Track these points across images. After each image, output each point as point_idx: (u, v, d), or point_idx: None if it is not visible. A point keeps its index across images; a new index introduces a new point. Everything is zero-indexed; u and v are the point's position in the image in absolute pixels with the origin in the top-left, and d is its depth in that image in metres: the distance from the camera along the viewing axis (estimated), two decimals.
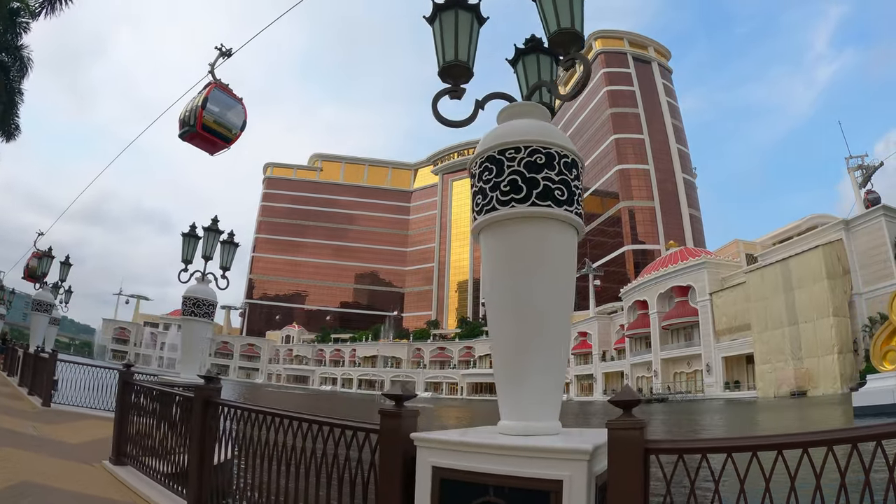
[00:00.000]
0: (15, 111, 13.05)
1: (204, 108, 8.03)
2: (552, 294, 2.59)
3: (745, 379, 52.30)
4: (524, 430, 2.52)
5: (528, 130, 2.62)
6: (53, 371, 11.25)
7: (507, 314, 2.65)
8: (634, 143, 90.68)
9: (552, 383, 2.69)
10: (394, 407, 2.63)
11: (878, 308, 40.98)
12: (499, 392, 2.78)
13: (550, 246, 2.60)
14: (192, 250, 9.57)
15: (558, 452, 2.16)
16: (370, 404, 47.89)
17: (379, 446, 2.65)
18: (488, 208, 2.60)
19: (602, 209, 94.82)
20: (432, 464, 2.42)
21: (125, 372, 5.73)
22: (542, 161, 2.55)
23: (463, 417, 35.81)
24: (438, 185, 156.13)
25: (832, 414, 27.99)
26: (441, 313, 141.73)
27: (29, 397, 12.42)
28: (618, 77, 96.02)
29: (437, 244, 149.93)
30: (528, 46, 3.51)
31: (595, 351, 76.49)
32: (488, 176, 2.62)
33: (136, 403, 5.36)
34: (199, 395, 3.86)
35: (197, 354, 9.04)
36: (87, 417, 10.11)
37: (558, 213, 2.53)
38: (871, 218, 42.30)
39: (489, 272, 2.68)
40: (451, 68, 3.12)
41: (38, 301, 17.72)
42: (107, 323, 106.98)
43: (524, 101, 3.15)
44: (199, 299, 9.10)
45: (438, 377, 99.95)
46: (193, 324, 9.12)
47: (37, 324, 17.82)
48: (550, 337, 2.60)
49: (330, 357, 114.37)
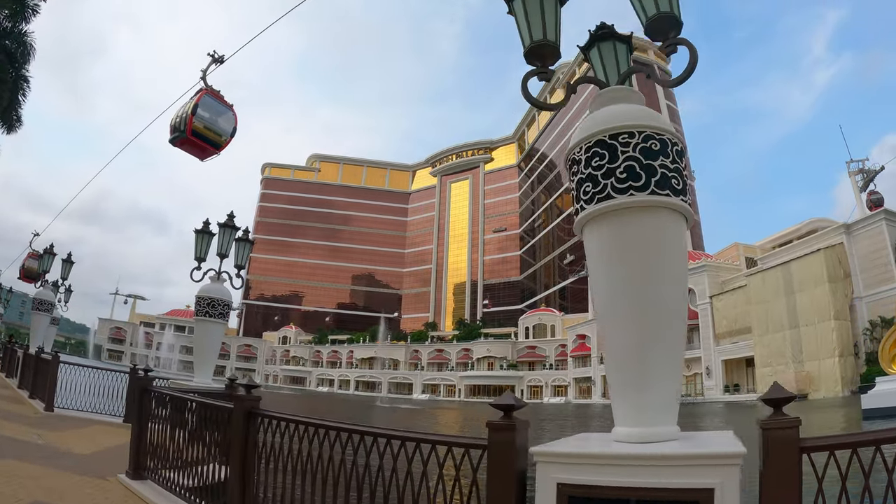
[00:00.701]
0: (19, 101, 12.70)
1: (194, 115, 8.05)
2: (675, 289, 2.36)
3: (745, 382, 52.25)
4: (647, 436, 2.29)
5: (639, 115, 2.41)
6: (56, 374, 10.70)
7: (626, 312, 2.41)
8: None
9: (674, 386, 2.47)
10: (504, 418, 2.34)
11: (879, 311, 41.04)
12: (615, 397, 2.53)
13: (670, 238, 2.40)
14: (206, 248, 9.22)
15: (708, 458, 1.95)
16: (386, 409, 47.62)
17: (488, 463, 2.33)
18: (601, 196, 2.36)
19: None
20: (557, 480, 2.16)
21: (143, 378, 5.37)
22: (657, 148, 2.34)
23: (469, 419, 35.57)
24: (437, 186, 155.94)
25: (834, 417, 27.96)
26: (439, 315, 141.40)
27: (30, 401, 12.04)
28: None
29: (435, 246, 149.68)
30: (602, 33, 3.28)
31: (594, 354, 76.32)
32: (599, 162, 2.38)
33: (157, 413, 5.03)
34: (241, 407, 3.56)
35: (212, 357, 8.65)
36: (92, 423, 9.76)
37: (676, 202, 2.31)
38: (872, 222, 42.34)
39: (601, 267, 2.42)
40: (539, 48, 2.88)
41: (38, 300, 17.10)
42: (103, 322, 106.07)
43: (617, 86, 2.91)
44: (213, 299, 8.79)
45: (436, 379, 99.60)
46: (208, 325, 8.80)
47: (37, 324, 17.15)
48: (673, 336, 2.37)
49: (327, 358, 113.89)
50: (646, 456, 2.03)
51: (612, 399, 2.59)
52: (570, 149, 2.57)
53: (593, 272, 2.52)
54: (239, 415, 3.56)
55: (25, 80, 12.75)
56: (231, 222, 9.04)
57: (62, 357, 11.59)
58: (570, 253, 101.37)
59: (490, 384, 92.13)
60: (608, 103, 2.67)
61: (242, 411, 3.55)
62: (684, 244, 2.47)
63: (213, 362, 8.94)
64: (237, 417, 3.56)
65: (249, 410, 3.55)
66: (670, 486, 1.91)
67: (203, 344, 9.17)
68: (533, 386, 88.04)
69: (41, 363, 12.19)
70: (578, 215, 2.51)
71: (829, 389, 39.62)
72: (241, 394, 3.57)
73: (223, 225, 9.21)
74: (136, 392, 5.33)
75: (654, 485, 1.94)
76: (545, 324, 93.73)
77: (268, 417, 3.42)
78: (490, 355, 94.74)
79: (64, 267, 17.99)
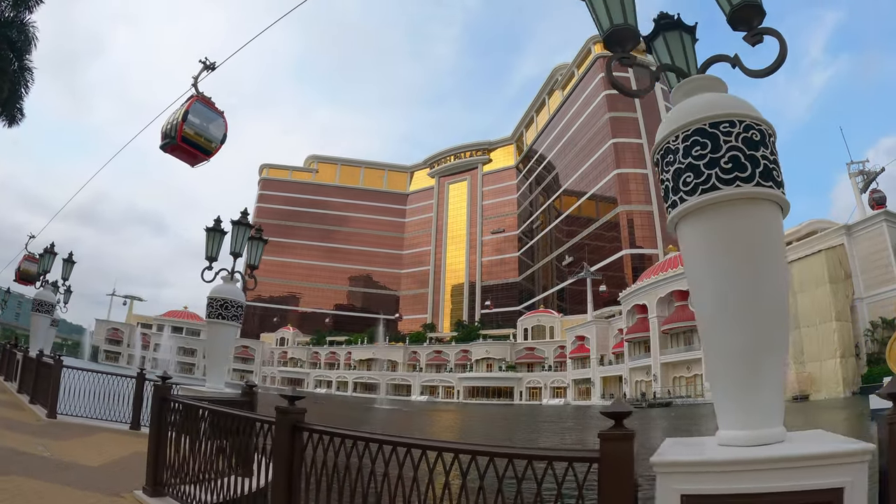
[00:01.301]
0: (21, 93, 12.34)
1: (185, 121, 8.15)
2: (782, 284, 2.26)
3: None
4: (756, 439, 2.20)
5: (736, 104, 2.29)
6: (59, 379, 10.23)
7: (736, 309, 2.30)
8: (633, 148, 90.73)
9: (781, 385, 2.38)
10: (616, 428, 2.14)
11: (880, 312, 41.12)
12: (721, 399, 2.42)
13: (775, 231, 2.35)
14: (217, 246, 8.84)
15: (839, 457, 1.87)
16: (388, 411, 47.34)
17: (601, 478, 2.13)
18: (705, 187, 2.21)
19: (600, 213, 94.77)
20: (681, 492, 2.03)
21: (162, 386, 5.05)
22: (758, 138, 2.24)
23: (473, 419, 35.35)
24: (435, 187, 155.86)
25: (837, 417, 27.93)
26: (437, 317, 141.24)
27: (31, 406, 11.56)
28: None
29: (433, 247, 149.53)
30: (666, 22, 3.14)
31: (593, 355, 76.28)
32: (700, 151, 2.25)
33: (178, 424, 4.76)
34: (286, 420, 3.30)
35: (224, 361, 8.33)
36: (97, 430, 9.37)
37: (780, 195, 2.19)
38: (873, 223, 42.43)
39: (706, 262, 2.29)
40: (619, 32, 2.73)
41: (39, 301, 16.52)
42: (100, 323, 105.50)
43: (699, 75, 2.77)
44: (227, 300, 8.36)
45: (434, 381, 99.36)
46: (220, 327, 8.34)
47: (38, 326, 16.60)
48: (783, 334, 2.29)
49: (325, 360, 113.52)
50: (776, 459, 1.93)
51: (716, 401, 2.48)
52: (663, 137, 2.42)
53: (694, 267, 2.38)
54: (283, 429, 3.31)
55: (28, 71, 12.40)
56: (245, 220, 8.76)
57: (63, 361, 11.05)
58: (568, 254, 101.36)
59: (489, 385, 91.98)
60: (694, 92, 2.53)
61: (287, 425, 3.30)
62: (783, 239, 2.36)
63: (226, 366, 8.60)
64: (281, 432, 3.31)
65: (294, 424, 3.30)
66: (800, 488, 1.83)
67: (216, 347, 8.72)
68: (532, 387, 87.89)
69: (42, 367, 11.75)
70: (676, 207, 2.37)
71: (831, 390, 39.61)
72: (284, 406, 3.33)
73: (237, 223, 8.85)
74: (154, 401, 4.99)
75: (783, 488, 1.85)
76: (544, 325, 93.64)
77: (316, 432, 3.17)
78: (489, 356, 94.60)
79: (65, 267, 17.56)
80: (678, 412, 44.41)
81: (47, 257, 17.42)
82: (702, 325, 2.49)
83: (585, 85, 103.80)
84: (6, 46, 11.18)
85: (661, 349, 61.36)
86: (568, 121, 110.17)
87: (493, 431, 27.24)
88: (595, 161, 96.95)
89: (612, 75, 2.87)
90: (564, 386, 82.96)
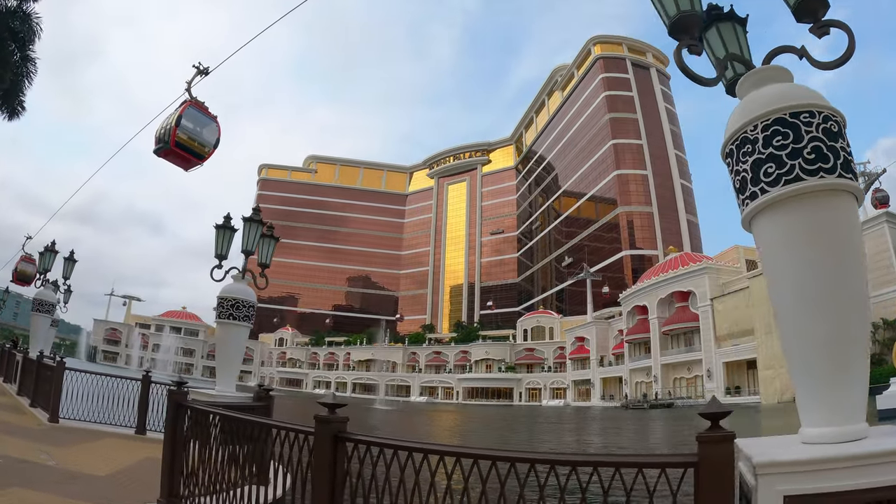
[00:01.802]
0: (23, 85, 12.00)
1: (178, 126, 8.26)
2: (863, 277, 2.26)
3: (746, 384, 52.18)
4: (843, 435, 2.17)
5: (810, 94, 2.26)
6: (62, 382, 9.83)
7: (821, 303, 2.24)
8: (633, 149, 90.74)
9: (867, 378, 2.34)
10: (714, 430, 2.04)
11: (882, 313, 41.05)
12: (804, 395, 2.37)
13: (855, 223, 2.31)
14: (227, 244, 8.62)
15: None
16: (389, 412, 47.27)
17: (697, 485, 2.02)
18: (789, 178, 2.14)
19: (600, 214, 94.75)
20: (784, 493, 1.97)
21: (178, 392, 4.79)
22: (836, 129, 2.19)
23: (479, 420, 35.23)
24: (434, 188, 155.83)
25: None
26: (436, 318, 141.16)
27: (31, 410, 11.19)
28: (616, 82, 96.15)
29: (432, 248, 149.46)
30: (719, 14, 3.04)
31: (593, 356, 76.22)
32: (782, 141, 2.18)
33: (195, 432, 4.53)
34: (327, 430, 3.05)
35: (236, 364, 8.07)
36: (102, 435, 9.06)
37: (857, 187, 2.16)
38: (874, 224, 42.34)
39: (787, 255, 2.23)
40: (684, 19, 2.65)
41: (39, 301, 16.02)
42: (98, 323, 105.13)
43: (767, 65, 2.68)
44: (238, 300, 8.06)
45: (434, 381, 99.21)
46: (231, 328, 8.05)
47: (38, 326, 16.14)
48: (866, 327, 2.26)
49: (324, 360, 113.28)
50: (877, 454, 1.91)
51: (799, 398, 2.45)
52: (740, 126, 2.34)
53: (775, 261, 2.31)
54: (325, 439, 3.05)
55: (31, 62, 12.08)
56: (257, 216, 8.65)
57: (66, 362, 10.59)
58: (568, 255, 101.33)
59: (488, 386, 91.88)
60: (764, 82, 2.45)
61: (329, 435, 3.03)
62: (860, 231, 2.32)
63: (237, 369, 8.31)
64: (322, 443, 3.06)
65: (337, 434, 3.05)
66: None
67: (226, 349, 8.39)
68: (531, 388, 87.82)
69: (43, 369, 11.39)
70: (756, 199, 2.28)
71: None
72: (325, 415, 3.12)
73: (248, 219, 8.64)
74: (170, 408, 4.73)
75: (883, 483, 1.82)
76: (543, 326, 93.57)
77: (363, 443, 2.93)
78: (488, 357, 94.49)
79: (66, 266, 17.13)
80: (682, 413, 44.37)
81: (48, 255, 16.89)
82: (784, 321, 2.40)
83: (585, 86, 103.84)
84: (8, 36, 10.94)
85: (662, 350, 61.31)
86: (568, 121, 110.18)
87: (508, 434, 27.06)
88: (595, 162, 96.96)
89: (682, 62, 2.76)
90: (564, 387, 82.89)
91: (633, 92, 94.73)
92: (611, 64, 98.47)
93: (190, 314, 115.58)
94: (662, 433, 28.95)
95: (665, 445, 22.49)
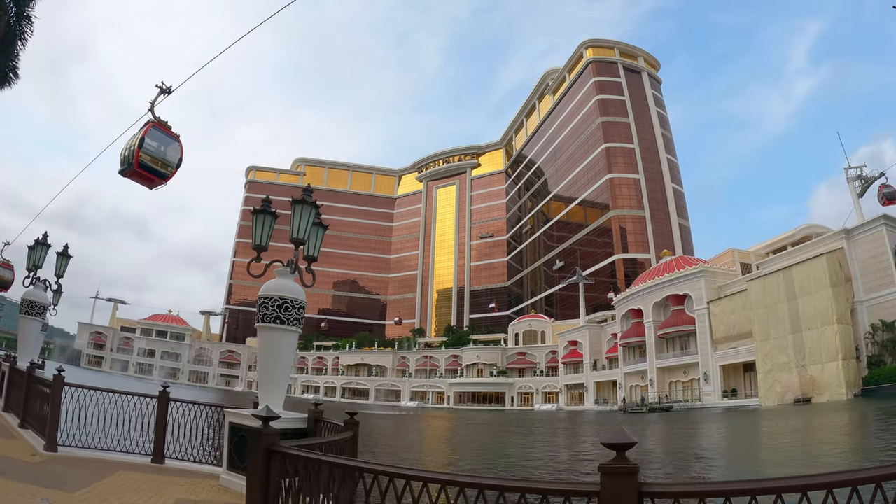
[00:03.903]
0: (17, 49, 10.75)
1: (141, 148, 8.35)
2: None
3: (742, 387, 52.06)
4: None
5: None
6: (60, 402, 8.02)
7: None
8: (625, 153, 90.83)
9: None
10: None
11: (880, 315, 41.21)
12: None
13: None
14: (267, 232, 7.34)
15: None
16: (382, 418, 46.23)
17: None
18: None
19: (591, 218, 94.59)
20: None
21: (267, 434, 3.55)
22: None
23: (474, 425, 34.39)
24: (423, 191, 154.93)
25: (840, 420, 27.65)
26: (424, 321, 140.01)
27: (21, 432, 9.17)
28: (608, 86, 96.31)
29: (421, 251, 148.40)
30: None
31: (586, 360, 75.80)
32: None
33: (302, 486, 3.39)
34: (621, 487, 2.21)
35: (284, 377, 6.54)
36: (114, 467, 7.29)
37: None
38: (873, 227, 42.57)
39: None
40: None
41: (29, 302, 13.60)
42: (83, 327, 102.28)
43: None
44: (287, 300, 6.64)
45: (424, 386, 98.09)
46: (278, 334, 6.51)
47: (27, 331, 13.75)
48: None
49: (312, 365, 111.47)
50: None
51: None
52: None
53: None
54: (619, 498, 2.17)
55: (28, 21, 10.87)
56: (309, 198, 7.09)
57: (65, 376, 8.44)
58: (559, 259, 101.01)
59: (480, 391, 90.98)
60: None
61: (629, 491, 2.15)
62: None
63: (285, 383, 6.78)
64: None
65: (640, 490, 2.17)
66: None
67: (273, 359, 6.64)
68: (523, 393, 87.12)
69: (33, 382, 9.58)
70: None
71: (833, 393, 39.43)
72: (614, 464, 2.07)
73: (299, 202, 7.06)
74: (257, 455, 3.55)
75: None
76: (535, 330, 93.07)
77: (668, 495, 2.12)
78: (480, 362, 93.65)
79: (59, 262, 14.77)
80: (681, 417, 43.99)
81: (39, 250, 14.48)
82: None
83: (577, 89, 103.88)
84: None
85: (658, 353, 61.02)
86: (559, 125, 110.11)
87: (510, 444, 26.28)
88: (587, 165, 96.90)
89: None
90: (557, 391, 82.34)
91: (625, 96, 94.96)
92: (603, 68, 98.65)
93: (176, 318, 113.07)
94: (669, 439, 28.40)
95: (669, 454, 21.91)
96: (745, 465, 16.16)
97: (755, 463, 16.65)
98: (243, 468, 5.39)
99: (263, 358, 6.33)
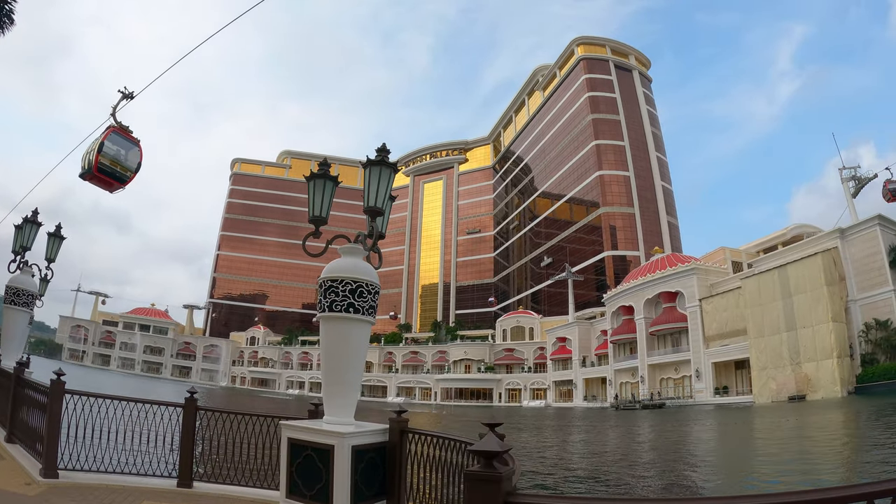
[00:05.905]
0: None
1: (100, 152, 8.52)
2: None
3: (734, 384, 52.28)
4: None
5: None
6: (60, 414, 6.48)
7: None
8: (615, 150, 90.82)
9: None
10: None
11: (874, 314, 41.59)
12: None
13: None
14: (327, 203, 6.08)
15: None
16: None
17: None
18: None
19: (581, 215, 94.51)
20: None
21: (506, 475, 2.33)
22: None
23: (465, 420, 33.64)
24: (409, 186, 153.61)
25: (834, 417, 27.71)
26: (410, 317, 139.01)
27: (9, 449, 7.44)
28: (599, 83, 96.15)
29: (407, 247, 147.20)
30: None
31: (575, 356, 75.69)
32: None
33: None
34: None
35: (357, 377, 5.16)
36: (135, 495, 5.93)
37: None
38: (867, 227, 42.88)
39: None
40: None
41: (15, 290, 11.40)
42: (64, 320, 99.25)
43: None
44: (361, 282, 5.33)
45: (411, 382, 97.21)
46: (350, 325, 5.14)
47: (14, 324, 11.54)
48: None
49: (297, 360, 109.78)
50: None
51: None
52: None
53: None
54: None
55: None
56: (386, 159, 5.73)
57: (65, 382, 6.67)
58: (547, 255, 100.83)
59: (467, 387, 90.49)
60: None
61: None
62: None
63: (357, 387, 5.24)
64: None
65: None
66: None
67: (344, 356, 5.16)
68: (511, 389, 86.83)
69: (22, 388, 7.85)
70: None
71: (828, 390, 39.67)
72: None
73: (375, 162, 5.66)
74: None
75: None
76: (523, 326, 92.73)
77: None
78: (467, 358, 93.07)
79: (50, 244, 12.32)
80: (674, 414, 43.93)
81: (28, 228, 12.12)
82: None
83: (568, 86, 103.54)
84: None
85: (649, 350, 61.06)
86: (549, 121, 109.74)
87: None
88: (577, 162, 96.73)
89: None
90: (545, 387, 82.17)
91: (616, 94, 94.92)
92: (594, 65, 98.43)
93: (159, 311, 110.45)
94: (675, 436, 28.10)
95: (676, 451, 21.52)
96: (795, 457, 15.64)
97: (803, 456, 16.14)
98: (310, 496, 4.46)
99: (331, 355, 4.88)
